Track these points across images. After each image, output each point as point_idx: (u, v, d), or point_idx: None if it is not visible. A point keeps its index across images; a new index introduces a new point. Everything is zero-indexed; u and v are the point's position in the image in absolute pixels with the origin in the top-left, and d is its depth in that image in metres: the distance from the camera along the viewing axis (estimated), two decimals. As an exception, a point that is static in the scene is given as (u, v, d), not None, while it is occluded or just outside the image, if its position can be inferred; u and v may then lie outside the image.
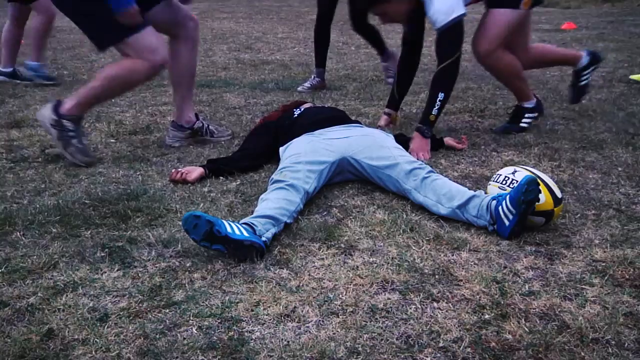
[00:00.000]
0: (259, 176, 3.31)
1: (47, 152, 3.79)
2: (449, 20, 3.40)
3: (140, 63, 3.40)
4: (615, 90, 5.12)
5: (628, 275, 2.21)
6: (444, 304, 2.05)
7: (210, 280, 2.23)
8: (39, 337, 1.89)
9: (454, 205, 2.66)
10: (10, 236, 2.63)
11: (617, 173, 3.25)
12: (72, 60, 7.32)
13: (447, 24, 3.41)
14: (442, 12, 3.40)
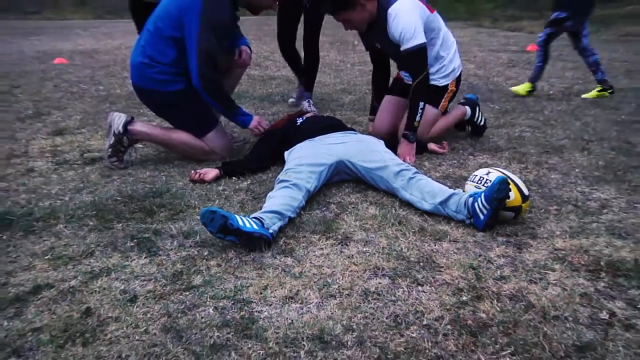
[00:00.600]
0: (266, 176, 3.30)
1: (85, 156, 3.80)
2: (416, 44, 3.42)
3: (207, 151, 3.58)
4: (572, 103, 5.12)
5: (584, 262, 2.22)
6: (428, 288, 2.05)
7: (225, 267, 2.23)
8: (79, 314, 1.91)
9: (436, 202, 2.65)
10: (54, 228, 2.64)
11: (575, 174, 3.24)
12: (106, 77, 7.32)
13: (414, 47, 3.42)
14: (409, 37, 3.42)
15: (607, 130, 4.11)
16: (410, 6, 3.50)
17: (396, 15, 3.44)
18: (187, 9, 3.25)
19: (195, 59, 3.29)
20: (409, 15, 3.46)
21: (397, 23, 3.44)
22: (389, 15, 3.47)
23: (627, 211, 2.71)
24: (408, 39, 3.42)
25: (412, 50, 3.43)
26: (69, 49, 11.26)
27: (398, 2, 3.49)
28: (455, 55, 3.79)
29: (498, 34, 12.92)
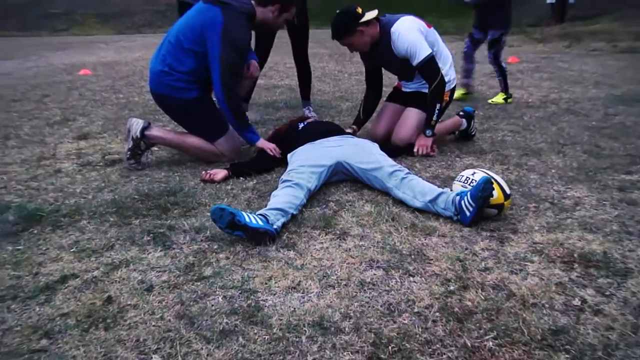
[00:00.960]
0: (271, 177, 3.29)
1: (107, 158, 3.80)
2: (424, 57, 3.48)
3: (217, 154, 3.57)
4: (548, 110, 5.12)
5: (559, 254, 2.22)
6: (418, 278, 2.05)
7: (233, 260, 2.23)
8: (101, 302, 1.93)
9: (427, 200, 2.64)
10: (79, 223, 2.65)
11: (551, 174, 3.23)
12: (126, 86, 7.32)
13: (424, 59, 3.48)
14: (416, 52, 3.49)
15: (580, 135, 4.10)
16: (411, 24, 3.57)
17: (399, 33, 3.51)
18: (209, 26, 3.26)
19: (219, 72, 3.29)
20: (411, 32, 3.53)
21: (402, 41, 3.51)
22: (393, 34, 3.53)
23: (597, 208, 2.71)
24: (416, 55, 3.49)
25: (423, 62, 3.49)
26: (92, 61, 11.27)
27: (399, 21, 3.56)
28: (451, 68, 3.80)
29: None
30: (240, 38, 3.34)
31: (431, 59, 3.50)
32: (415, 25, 3.60)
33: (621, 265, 2.12)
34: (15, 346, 1.70)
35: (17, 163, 3.74)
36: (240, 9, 3.33)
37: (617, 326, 1.73)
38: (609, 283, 2.00)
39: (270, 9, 3.45)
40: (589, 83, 6.69)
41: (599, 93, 5.94)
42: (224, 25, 3.25)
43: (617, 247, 2.27)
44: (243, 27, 3.36)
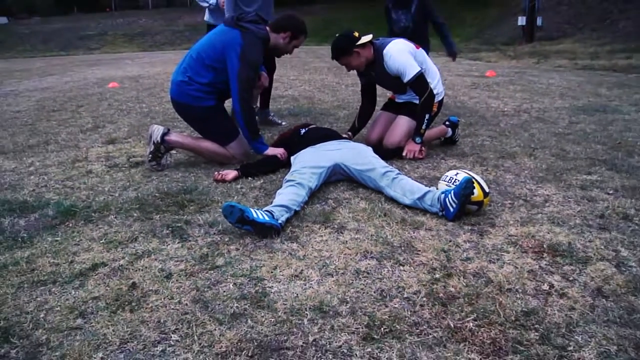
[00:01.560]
0: (276, 177, 3.27)
1: (131, 161, 3.79)
2: (414, 75, 3.47)
3: (229, 156, 3.56)
4: (521, 118, 5.10)
5: (531, 245, 2.22)
6: (408, 267, 2.04)
7: (242, 251, 2.22)
8: (127, 287, 1.94)
9: (415, 197, 2.63)
10: (107, 218, 2.65)
11: (524, 175, 3.22)
12: (148, 97, 7.30)
13: (413, 77, 3.47)
14: (406, 71, 3.49)
15: (548, 140, 4.09)
16: (401, 46, 3.58)
17: (391, 55, 3.52)
18: (230, 46, 3.29)
19: (237, 88, 3.31)
20: (402, 53, 3.53)
21: (394, 61, 3.51)
22: (385, 55, 3.53)
23: (563, 204, 2.70)
24: (407, 73, 3.48)
25: (413, 79, 3.49)
26: (120, 75, 11.25)
27: (391, 44, 3.57)
28: (439, 83, 3.79)
29: (463, 62, 12.88)
30: (255, 59, 3.37)
31: (420, 76, 3.49)
32: (405, 47, 3.60)
33: (583, 254, 2.13)
34: (56, 323, 1.73)
35: (55, 165, 3.75)
36: (257, 33, 3.36)
37: (578, 307, 1.75)
38: (573, 270, 2.01)
39: (282, 35, 3.47)
40: (555, 95, 6.68)
41: (564, 104, 5.94)
42: (242, 47, 3.27)
43: (579, 238, 2.28)
44: (259, 49, 3.38)
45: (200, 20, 9.09)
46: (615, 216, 2.52)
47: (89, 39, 38.52)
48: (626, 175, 3.16)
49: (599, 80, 8.32)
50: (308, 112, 5.71)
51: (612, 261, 2.06)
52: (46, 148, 4.32)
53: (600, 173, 3.21)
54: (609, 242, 2.24)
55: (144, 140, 4.39)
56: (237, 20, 3.36)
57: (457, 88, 7.48)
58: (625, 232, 2.34)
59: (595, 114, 5.20)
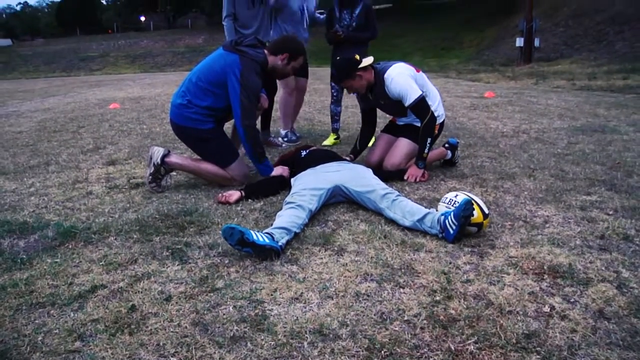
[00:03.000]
0: (276, 199, 3.27)
1: (131, 182, 3.80)
2: (415, 98, 3.49)
3: (229, 178, 3.57)
4: (520, 138, 5.13)
5: (531, 267, 2.20)
6: (408, 290, 2.03)
7: (242, 273, 2.21)
8: (126, 310, 1.91)
9: (415, 219, 2.62)
10: (107, 239, 2.64)
11: (524, 196, 3.21)
12: (149, 118, 7.36)
13: (415, 101, 3.50)
14: (407, 95, 3.51)
15: (547, 161, 4.10)
16: (402, 70, 3.61)
17: (392, 79, 3.55)
18: (229, 71, 3.33)
19: (240, 112, 3.35)
20: (402, 77, 3.56)
21: (395, 86, 3.54)
22: (386, 79, 3.57)
23: (563, 225, 2.70)
24: (408, 96, 3.51)
25: (415, 103, 3.51)
26: (121, 96, 11.34)
27: (392, 67, 3.60)
28: (439, 105, 3.81)
29: (462, 83, 13.01)
30: (255, 83, 3.40)
31: (422, 100, 3.52)
32: (406, 71, 3.64)
33: (583, 275, 2.12)
34: (54, 346, 1.71)
35: (55, 186, 3.76)
36: (255, 57, 3.39)
37: (580, 329, 1.73)
38: (574, 291, 1.99)
39: (280, 57, 3.51)
40: (554, 115, 6.72)
41: (563, 124, 5.97)
42: (242, 71, 3.32)
43: (580, 260, 2.26)
44: (257, 73, 3.41)
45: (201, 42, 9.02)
46: (615, 237, 2.51)
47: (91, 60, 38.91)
48: (626, 195, 3.16)
49: (596, 100, 8.38)
50: (308, 133, 5.75)
51: (614, 282, 2.05)
52: (47, 169, 4.33)
53: (600, 193, 3.21)
54: (610, 263, 2.23)
55: (144, 161, 4.41)
56: (235, 45, 3.40)
57: (457, 109, 7.53)
58: (626, 253, 2.33)
59: (593, 135, 5.23)
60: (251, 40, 3.48)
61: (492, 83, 13.33)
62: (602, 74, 12.99)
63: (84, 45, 44.61)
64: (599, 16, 20.16)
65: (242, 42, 3.44)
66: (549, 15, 23.06)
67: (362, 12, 4.74)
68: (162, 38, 44.75)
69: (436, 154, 3.93)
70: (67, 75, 32.58)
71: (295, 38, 3.64)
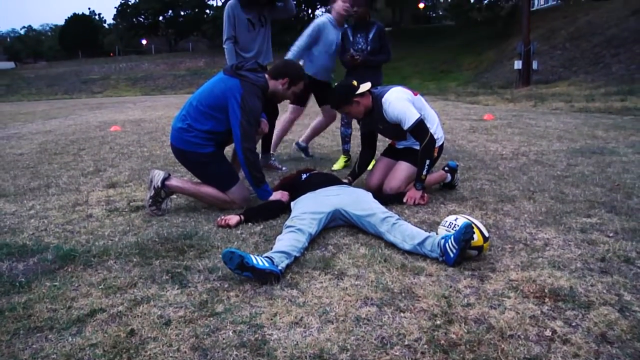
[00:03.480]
0: (276, 222, 3.26)
1: (131, 205, 3.80)
2: (413, 121, 3.51)
3: (229, 201, 3.58)
4: (519, 161, 5.14)
5: (532, 290, 2.19)
6: (408, 314, 2.01)
7: (242, 297, 2.19)
8: (125, 334, 1.90)
9: (415, 243, 2.61)
10: (106, 263, 2.63)
11: (524, 218, 3.21)
12: (150, 141, 7.38)
13: (413, 124, 3.52)
14: (406, 118, 3.53)
15: (547, 183, 4.11)
16: (399, 94, 3.64)
17: (390, 103, 3.58)
18: (230, 95, 3.35)
19: (240, 137, 3.37)
20: (400, 101, 3.59)
21: (392, 110, 3.57)
22: (384, 103, 3.60)
23: (563, 248, 2.69)
24: (406, 120, 3.53)
25: (413, 127, 3.53)
26: (122, 119, 11.41)
27: (389, 92, 3.64)
28: (438, 128, 3.84)
29: (461, 106, 13.10)
30: (256, 108, 3.42)
31: (420, 122, 3.54)
32: (403, 95, 3.66)
33: (585, 298, 2.11)
34: None
35: (55, 208, 3.76)
36: (256, 82, 3.43)
37: (582, 353, 1.71)
38: (575, 315, 1.98)
39: (280, 81, 3.54)
40: (553, 137, 6.75)
41: (562, 146, 5.99)
42: (243, 96, 3.34)
43: (581, 282, 2.25)
44: (258, 97, 3.44)
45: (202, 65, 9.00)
46: (616, 259, 2.51)
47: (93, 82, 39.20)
48: (626, 217, 3.16)
49: (595, 122, 8.43)
50: (312, 156, 5.75)
51: (615, 306, 2.04)
52: (47, 191, 4.34)
53: (600, 215, 3.21)
54: (611, 286, 2.22)
55: (144, 184, 4.42)
56: (236, 69, 3.44)
57: (456, 132, 7.56)
58: (627, 275, 2.32)
59: (592, 156, 5.25)
60: (252, 64, 3.52)
61: (491, 105, 13.41)
62: (600, 96, 13.09)
63: (86, 68, 45.02)
64: (595, 39, 20.40)
65: (242, 66, 3.47)
66: (546, 38, 23.34)
67: (376, 35, 4.79)
68: (164, 61, 45.17)
69: (436, 177, 3.94)
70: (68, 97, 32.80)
71: (296, 63, 3.68)
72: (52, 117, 13.11)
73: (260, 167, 3.57)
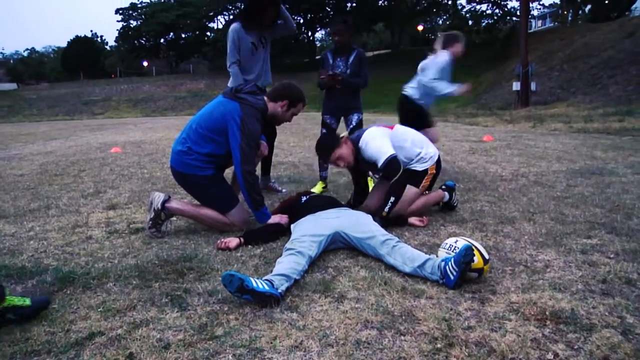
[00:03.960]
0: (276, 245, 3.25)
1: (131, 227, 3.79)
2: (385, 159, 3.52)
3: (228, 224, 3.57)
4: (519, 182, 5.15)
5: (533, 312, 2.18)
6: (409, 337, 2.01)
7: (241, 321, 2.19)
8: (124, 358, 1.89)
9: (415, 265, 2.61)
10: (105, 285, 2.63)
11: (524, 240, 3.21)
12: (150, 162, 7.39)
13: (383, 163, 3.53)
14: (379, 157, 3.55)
15: (547, 204, 4.11)
16: (374, 133, 3.71)
17: (366, 143, 3.65)
18: (230, 118, 3.38)
19: (239, 159, 3.38)
20: (374, 141, 3.65)
21: (369, 149, 3.63)
22: (361, 145, 3.68)
23: (564, 269, 2.69)
24: (379, 159, 3.55)
25: (384, 165, 3.53)
26: (122, 140, 11.44)
27: (365, 133, 3.73)
28: (429, 146, 3.86)
29: (460, 127, 13.15)
30: (255, 130, 3.44)
31: (390, 161, 3.53)
32: (378, 132, 3.72)
33: (587, 321, 2.10)
34: None
35: (55, 230, 3.76)
36: (255, 104, 3.46)
37: (586, 378, 1.69)
38: (577, 337, 1.97)
39: (280, 104, 3.57)
40: (552, 158, 6.77)
41: (561, 167, 6.01)
42: (242, 118, 3.37)
43: (582, 305, 2.24)
44: (258, 120, 3.46)
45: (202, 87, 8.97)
46: (617, 281, 2.50)
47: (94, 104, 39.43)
48: (626, 238, 3.15)
49: (594, 143, 8.46)
50: (308, 179, 5.75)
51: (618, 328, 2.03)
52: (47, 213, 4.34)
53: (600, 236, 3.21)
54: (613, 308, 2.21)
55: (144, 206, 4.41)
56: (235, 92, 3.47)
57: (455, 153, 7.58)
58: (629, 297, 2.31)
59: (592, 177, 5.26)
60: (251, 87, 3.55)
61: (490, 127, 13.46)
62: (598, 117, 13.15)
63: (87, 89, 45.31)
64: (591, 60, 20.57)
65: (242, 89, 3.50)
66: (544, 60, 23.52)
67: (356, 59, 4.85)
68: (164, 83, 45.46)
69: (434, 197, 3.94)
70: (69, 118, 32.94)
71: (295, 85, 3.70)
72: (53, 138, 13.17)
73: (260, 190, 3.57)
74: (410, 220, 3.64)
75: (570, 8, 45.53)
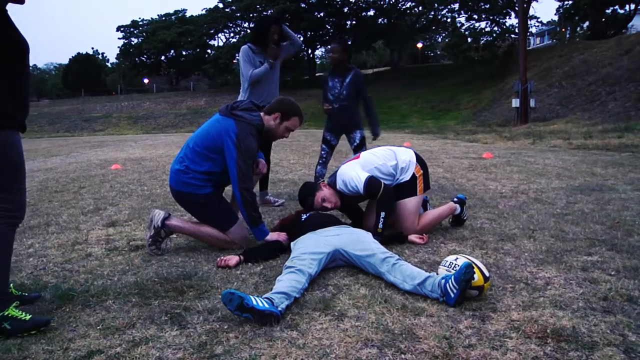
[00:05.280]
0: (276, 263, 3.25)
1: (131, 244, 3.80)
2: (363, 183, 3.55)
3: (228, 241, 3.58)
4: (519, 199, 5.15)
5: (534, 330, 2.17)
6: (409, 356, 1.99)
7: (241, 339, 2.18)
8: None
9: (415, 283, 2.61)
10: (105, 303, 2.62)
11: (524, 257, 3.21)
12: (150, 179, 7.40)
13: (363, 187, 3.55)
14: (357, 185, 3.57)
15: (547, 221, 4.11)
16: (344, 170, 3.73)
17: (342, 180, 3.68)
18: (225, 135, 3.39)
19: (236, 176, 3.39)
20: (347, 175, 3.67)
21: (346, 184, 3.66)
22: (339, 186, 3.71)
23: (565, 287, 2.68)
24: (358, 186, 3.57)
25: (364, 187, 3.55)
26: (123, 157, 11.46)
27: (337, 174, 3.76)
28: (404, 153, 3.85)
29: (460, 144, 13.18)
30: (250, 146, 3.45)
31: (368, 180, 3.56)
32: (348, 167, 3.75)
33: (588, 339, 2.08)
34: None
35: (55, 247, 3.76)
36: (251, 121, 3.48)
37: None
38: (579, 356, 1.95)
39: (272, 116, 3.59)
40: (552, 175, 6.78)
41: (561, 184, 6.02)
42: (238, 135, 3.38)
43: (584, 322, 2.23)
44: (253, 136, 3.48)
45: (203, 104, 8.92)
46: (619, 298, 2.49)
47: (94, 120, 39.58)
48: (627, 255, 3.15)
49: (593, 159, 8.48)
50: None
51: (620, 346, 2.02)
52: (47, 229, 4.34)
53: (601, 253, 3.21)
54: (615, 326, 2.20)
55: (144, 223, 4.42)
56: (231, 109, 3.49)
57: (455, 170, 7.59)
58: (631, 315, 2.30)
59: (592, 194, 5.27)
60: (247, 104, 3.58)
61: (489, 144, 13.50)
62: (598, 133, 13.21)
63: (88, 106, 45.53)
64: (590, 77, 20.73)
65: (237, 106, 3.52)
66: (543, 77, 23.70)
67: (352, 80, 4.89)
68: (165, 100, 45.68)
69: (446, 210, 3.92)
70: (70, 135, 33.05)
71: (290, 100, 3.72)
72: (53, 155, 13.20)
73: (258, 207, 3.58)
74: (411, 238, 3.64)
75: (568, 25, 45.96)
